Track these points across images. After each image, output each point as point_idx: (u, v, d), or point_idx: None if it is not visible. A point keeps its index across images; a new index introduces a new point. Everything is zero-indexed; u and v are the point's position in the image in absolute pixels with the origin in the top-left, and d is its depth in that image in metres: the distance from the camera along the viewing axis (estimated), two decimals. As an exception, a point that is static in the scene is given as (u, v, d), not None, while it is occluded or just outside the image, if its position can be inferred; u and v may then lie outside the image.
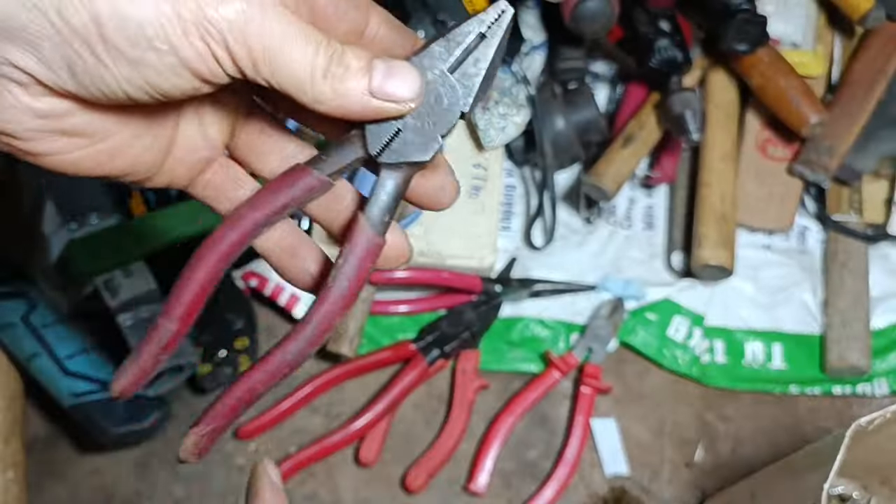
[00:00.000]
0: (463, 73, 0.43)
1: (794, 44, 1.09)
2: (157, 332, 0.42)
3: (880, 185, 1.09)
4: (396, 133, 0.44)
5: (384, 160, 0.44)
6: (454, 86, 0.43)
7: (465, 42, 0.42)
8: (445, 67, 0.42)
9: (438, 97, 0.43)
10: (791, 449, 0.94)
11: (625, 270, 1.05)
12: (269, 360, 0.42)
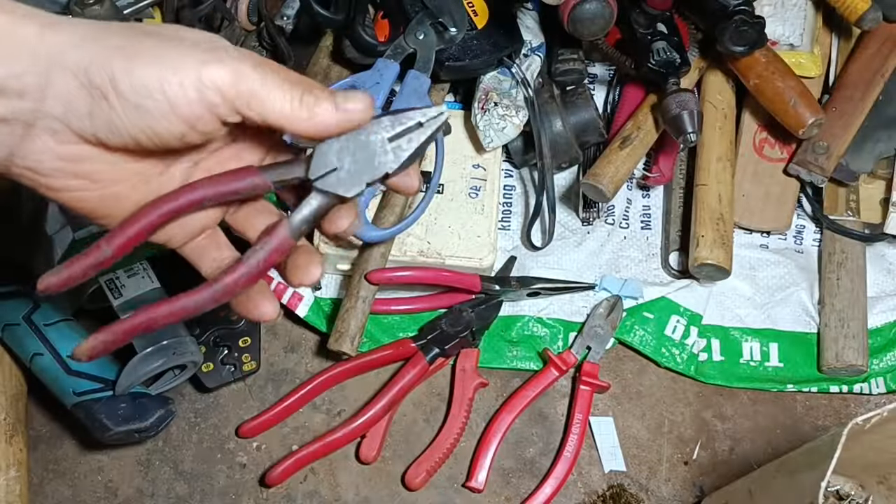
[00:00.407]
0: (398, 145, 0.54)
1: (792, 45, 1.09)
2: (97, 252, 0.52)
3: (877, 186, 1.10)
4: (333, 170, 0.54)
5: (317, 185, 0.54)
6: (388, 151, 0.54)
7: (407, 124, 0.54)
8: (387, 136, 0.54)
9: (374, 155, 0.54)
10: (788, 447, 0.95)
11: (623, 270, 1.06)
12: (174, 302, 0.52)
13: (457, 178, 1.03)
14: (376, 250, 0.97)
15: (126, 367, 0.88)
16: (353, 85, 0.99)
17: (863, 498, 0.90)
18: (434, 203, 1.01)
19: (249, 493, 0.94)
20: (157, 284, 0.93)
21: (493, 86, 1.03)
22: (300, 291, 1.00)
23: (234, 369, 0.96)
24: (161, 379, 0.93)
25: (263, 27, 1.10)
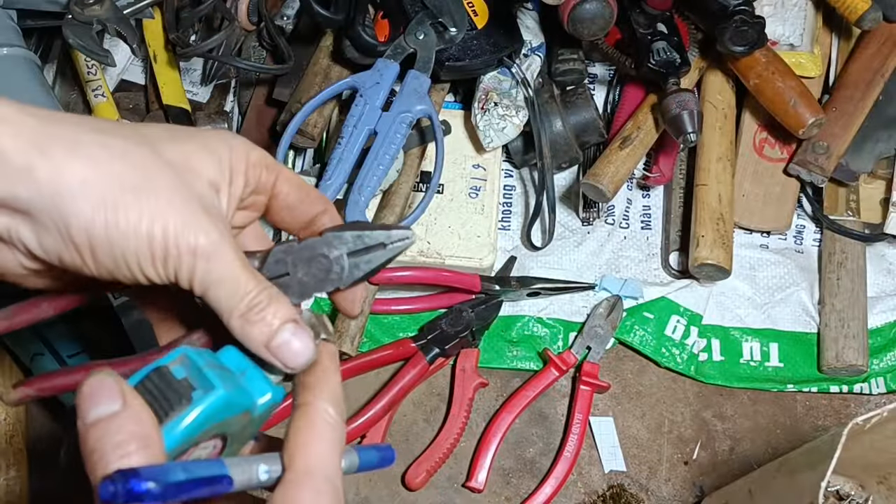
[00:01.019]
0: (355, 262, 0.53)
1: (792, 45, 1.09)
2: (37, 308, 0.55)
3: (877, 186, 1.10)
4: (285, 274, 0.53)
5: None
6: (344, 267, 0.53)
7: (370, 244, 0.53)
8: (346, 252, 0.53)
9: (329, 269, 0.53)
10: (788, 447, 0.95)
11: (623, 270, 1.06)
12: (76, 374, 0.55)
13: (457, 178, 1.03)
14: (376, 250, 0.97)
15: (126, 367, 0.88)
16: (354, 86, 0.98)
17: (863, 498, 0.90)
18: (434, 203, 1.01)
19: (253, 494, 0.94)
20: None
21: (493, 86, 1.03)
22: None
23: (234, 369, 0.95)
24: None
25: (263, 27, 1.10)
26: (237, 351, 0.50)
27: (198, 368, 0.47)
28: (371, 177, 0.95)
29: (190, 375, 0.47)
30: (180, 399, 0.46)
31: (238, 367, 0.50)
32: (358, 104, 0.97)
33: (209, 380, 0.46)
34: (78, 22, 0.95)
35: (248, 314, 0.49)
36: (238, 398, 0.48)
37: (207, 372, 0.47)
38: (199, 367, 0.47)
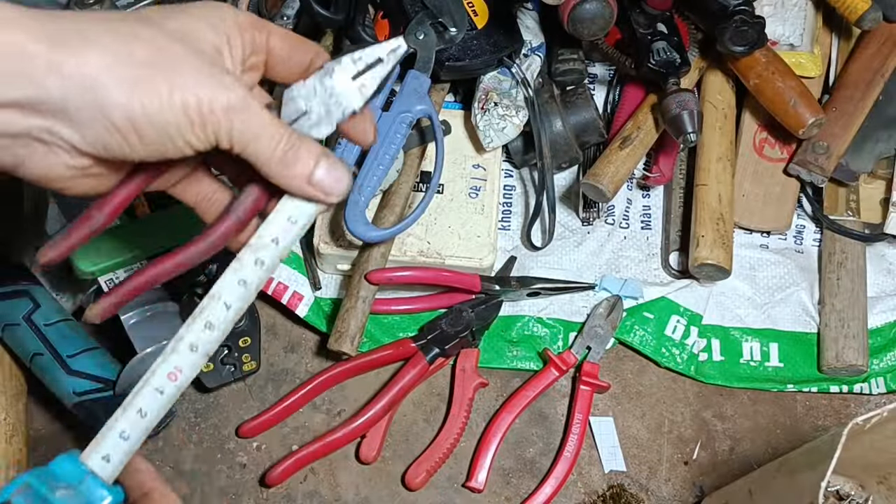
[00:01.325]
0: (361, 83, 0.56)
1: (792, 45, 1.09)
2: (89, 220, 0.55)
3: (877, 185, 1.10)
4: (304, 114, 0.55)
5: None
6: (352, 90, 0.55)
7: (368, 61, 0.56)
8: (350, 75, 0.55)
9: (340, 95, 0.55)
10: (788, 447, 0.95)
11: (623, 270, 1.06)
12: (177, 254, 0.56)
13: (457, 178, 1.03)
14: (376, 250, 0.97)
15: (126, 368, 0.88)
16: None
17: (863, 498, 0.90)
18: (434, 203, 1.01)
19: (249, 493, 0.94)
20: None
21: (493, 86, 1.03)
22: (300, 291, 1.00)
23: (234, 369, 0.96)
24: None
25: (263, 27, 1.10)
26: (73, 459, 0.52)
27: (42, 498, 0.50)
28: (371, 177, 0.95)
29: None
30: None
31: (75, 476, 0.52)
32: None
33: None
34: (78, 22, 0.95)
35: (285, 158, 0.53)
36: None
37: (54, 500, 0.50)
38: (44, 496, 0.50)
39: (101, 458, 0.53)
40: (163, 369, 0.54)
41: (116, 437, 0.53)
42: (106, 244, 0.91)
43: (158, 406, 0.54)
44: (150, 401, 0.54)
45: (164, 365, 0.54)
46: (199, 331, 0.55)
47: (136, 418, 0.54)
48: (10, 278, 0.93)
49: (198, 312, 0.55)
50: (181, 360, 0.55)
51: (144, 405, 0.54)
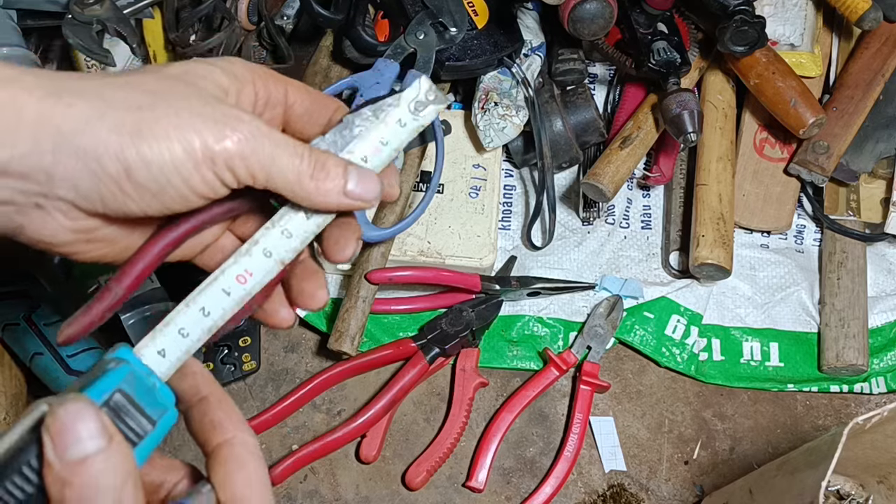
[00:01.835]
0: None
1: (792, 45, 1.09)
2: (109, 294, 0.51)
3: (877, 185, 1.10)
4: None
5: None
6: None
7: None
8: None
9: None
10: (789, 446, 0.95)
11: (623, 270, 1.06)
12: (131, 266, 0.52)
13: (457, 178, 1.03)
14: (376, 250, 0.97)
15: (126, 367, 0.88)
16: (354, 85, 0.98)
17: (863, 497, 0.90)
18: (434, 203, 1.01)
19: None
20: (157, 284, 0.93)
21: (493, 86, 1.03)
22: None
23: (234, 369, 0.96)
24: (161, 378, 0.93)
25: (263, 27, 1.10)
26: (126, 352, 0.48)
27: (148, 388, 0.46)
28: (371, 176, 0.95)
29: (137, 394, 0.46)
30: (145, 426, 0.45)
31: (142, 372, 0.48)
32: (358, 103, 0.97)
33: (161, 401, 0.47)
34: (78, 22, 0.95)
35: (315, 174, 0.50)
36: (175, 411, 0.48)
37: (159, 392, 0.47)
38: (149, 386, 0.46)
39: (156, 352, 0.49)
40: (232, 270, 0.51)
41: (175, 334, 0.49)
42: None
43: (222, 308, 0.51)
44: (215, 301, 0.50)
45: (235, 267, 0.51)
46: (276, 237, 0.52)
47: (198, 316, 0.50)
48: (10, 278, 0.93)
49: (277, 218, 0.52)
50: (253, 264, 0.51)
51: (208, 304, 0.50)
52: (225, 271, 0.51)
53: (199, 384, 0.51)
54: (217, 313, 0.51)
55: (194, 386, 0.51)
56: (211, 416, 0.50)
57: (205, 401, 0.50)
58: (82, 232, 0.50)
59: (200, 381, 0.51)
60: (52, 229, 0.49)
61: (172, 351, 0.49)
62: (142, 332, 0.89)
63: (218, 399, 0.51)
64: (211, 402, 0.50)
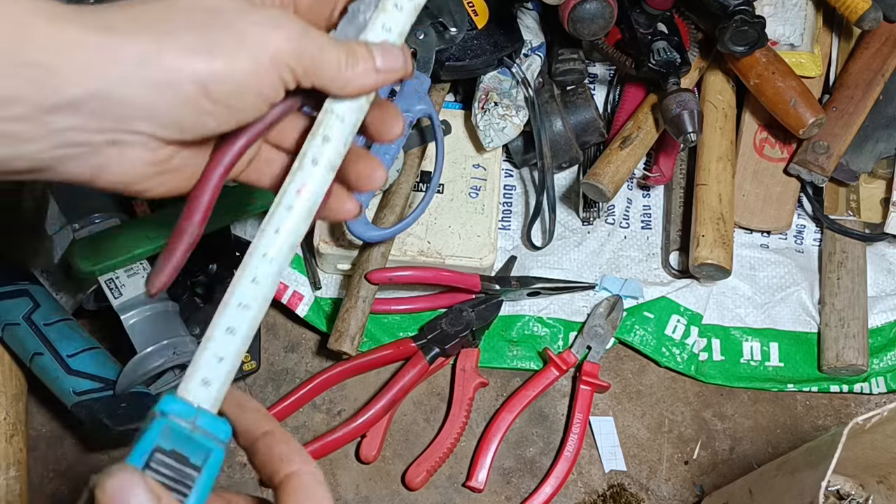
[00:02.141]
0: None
1: (792, 45, 1.09)
2: (185, 233, 0.52)
3: (877, 185, 1.10)
4: None
5: None
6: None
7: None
8: (373, 7, 0.54)
9: (367, 33, 0.54)
10: (789, 446, 0.95)
11: (623, 269, 1.06)
12: (208, 174, 0.53)
13: (457, 178, 1.03)
14: (376, 250, 0.97)
15: (126, 367, 0.88)
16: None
17: (863, 497, 0.90)
18: (434, 203, 1.01)
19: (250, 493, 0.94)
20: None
21: (493, 85, 1.03)
22: (300, 291, 1.00)
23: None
24: (161, 378, 0.93)
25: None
26: (175, 398, 0.49)
27: (186, 436, 0.47)
28: (371, 176, 0.95)
29: (178, 446, 0.46)
30: (191, 475, 0.46)
31: (186, 413, 0.48)
32: None
33: (203, 444, 0.47)
34: None
35: (349, 62, 0.51)
36: (223, 448, 0.49)
37: (198, 437, 0.47)
38: (186, 434, 0.47)
39: (200, 380, 0.49)
40: (293, 188, 0.52)
41: (235, 308, 0.51)
42: (106, 244, 0.90)
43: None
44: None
45: (292, 185, 0.52)
46: (318, 144, 0.53)
47: (262, 264, 0.51)
48: (10, 278, 0.93)
49: (316, 127, 0.53)
50: (306, 177, 0.52)
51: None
52: (281, 198, 0.52)
53: (260, 420, 0.53)
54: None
55: (256, 421, 0.53)
56: (278, 450, 0.51)
57: (269, 435, 0.52)
58: (157, 164, 0.50)
59: (262, 416, 0.53)
60: (130, 165, 0.49)
61: (232, 340, 0.51)
62: (142, 332, 0.90)
63: (282, 434, 0.53)
64: (276, 436, 0.52)
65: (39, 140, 0.46)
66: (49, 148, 0.46)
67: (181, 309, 0.94)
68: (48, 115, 0.45)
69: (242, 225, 1.03)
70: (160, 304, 0.92)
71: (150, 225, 0.93)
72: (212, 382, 0.50)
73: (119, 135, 0.47)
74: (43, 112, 0.45)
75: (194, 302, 0.97)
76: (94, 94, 0.45)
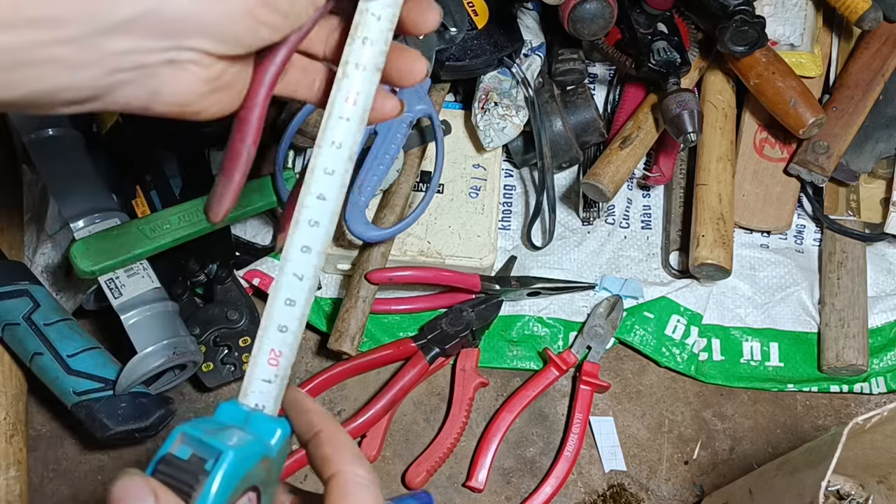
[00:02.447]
0: None
1: (792, 45, 1.09)
2: (241, 155, 0.51)
3: (877, 185, 1.10)
4: None
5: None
6: None
7: None
8: None
9: None
10: (789, 446, 0.95)
11: (623, 269, 1.06)
12: (259, 75, 0.52)
13: (457, 178, 1.03)
14: (376, 250, 0.97)
15: (126, 367, 0.88)
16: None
17: (863, 497, 0.90)
18: (434, 203, 1.01)
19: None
20: (157, 284, 0.93)
21: (493, 85, 1.03)
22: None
23: (235, 369, 0.95)
24: (161, 378, 0.93)
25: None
26: (233, 404, 0.51)
27: (199, 441, 0.47)
28: (371, 176, 0.95)
29: (196, 451, 0.47)
30: (196, 477, 0.46)
31: (238, 418, 0.50)
32: None
33: (214, 446, 0.46)
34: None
35: None
36: (250, 449, 0.48)
37: (209, 440, 0.47)
38: (199, 438, 0.47)
39: (262, 379, 0.51)
40: (340, 96, 0.51)
41: (298, 251, 0.51)
42: (106, 244, 0.90)
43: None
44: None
45: (340, 94, 0.51)
46: (359, 46, 0.51)
47: (317, 203, 0.51)
48: (10, 278, 0.93)
49: (352, 32, 0.51)
50: (353, 84, 0.51)
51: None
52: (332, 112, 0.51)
53: (312, 420, 0.53)
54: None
55: (308, 423, 0.53)
56: (322, 451, 0.52)
57: (317, 437, 0.52)
58: (211, 81, 0.49)
59: (314, 417, 0.53)
60: (187, 84, 0.48)
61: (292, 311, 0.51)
62: (142, 332, 0.90)
63: (329, 434, 0.52)
64: (322, 437, 0.52)
65: (93, 65, 0.44)
66: (103, 74, 0.44)
67: (181, 309, 0.94)
68: (102, 37, 0.43)
69: (242, 225, 1.03)
70: (160, 304, 0.92)
71: (150, 225, 0.93)
72: (271, 381, 0.51)
73: (175, 53, 0.46)
74: (96, 34, 0.42)
75: (194, 302, 0.97)
76: (149, 11, 0.43)
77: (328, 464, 0.51)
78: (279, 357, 0.51)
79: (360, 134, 0.51)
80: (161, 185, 0.99)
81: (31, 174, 1.02)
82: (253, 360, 0.51)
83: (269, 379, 0.51)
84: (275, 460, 0.50)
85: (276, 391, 0.51)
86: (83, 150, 0.99)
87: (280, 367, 0.51)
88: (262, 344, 0.51)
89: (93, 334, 0.94)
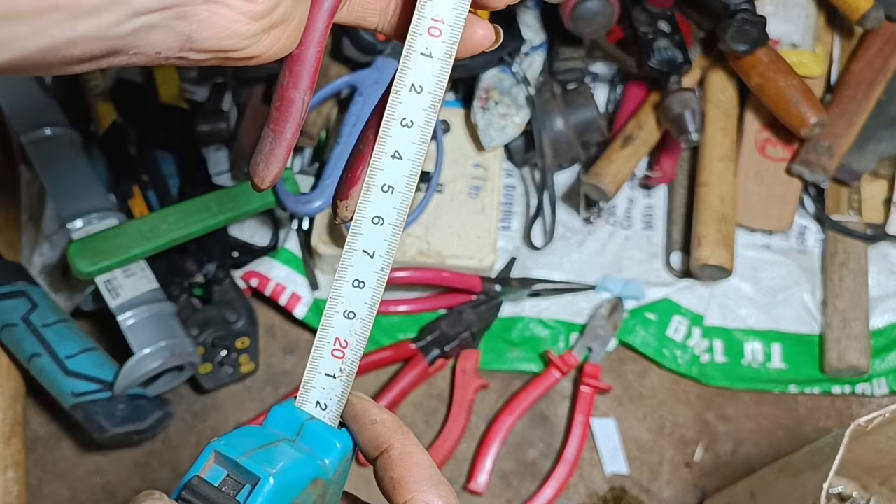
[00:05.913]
0: None
1: (794, 44, 1.09)
2: (293, 105, 0.43)
3: (879, 185, 1.09)
4: None
5: None
6: None
7: None
8: None
9: None
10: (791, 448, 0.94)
11: (624, 270, 1.06)
12: (311, 21, 0.44)
13: (457, 178, 1.03)
14: (376, 250, 0.96)
15: (124, 369, 0.88)
16: (353, 84, 0.98)
17: (865, 499, 0.90)
18: (434, 203, 1.01)
19: None
20: (155, 285, 0.92)
21: (493, 84, 1.02)
22: (298, 293, 1.00)
23: (233, 371, 0.95)
24: (159, 380, 0.93)
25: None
26: (288, 406, 0.44)
27: (234, 463, 0.40)
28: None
29: (231, 473, 0.40)
30: (228, 498, 0.40)
31: (290, 427, 0.43)
32: (357, 103, 0.96)
33: (251, 472, 0.40)
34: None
35: None
36: (298, 472, 0.42)
37: (246, 463, 0.40)
38: (234, 461, 0.40)
39: (315, 402, 0.44)
40: (422, 27, 0.43)
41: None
42: (104, 244, 0.90)
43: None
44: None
45: (421, 23, 0.44)
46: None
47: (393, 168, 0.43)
48: (8, 279, 0.93)
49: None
50: (441, 9, 0.43)
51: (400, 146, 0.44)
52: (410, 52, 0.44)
53: (378, 434, 0.46)
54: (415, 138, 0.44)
55: (376, 437, 0.46)
56: (393, 473, 0.44)
57: (385, 454, 0.45)
58: (260, 17, 0.40)
59: (381, 430, 0.46)
60: (230, 22, 0.39)
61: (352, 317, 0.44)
62: (139, 333, 0.89)
63: (402, 452, 0.45)
64: (392, 456, 0.45)
65: (108, 9, 0.36)
66: (122, 19, 0.36)
67: (178, 310, 0.94)
68: None
69: (240, 225, 1.03)
70: (157, 305, 0.91)
71: (148, 226, 0.93)
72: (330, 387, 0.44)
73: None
74: None
75: (191, 303, 0.97)
76: None
77: (400, 489, 0.44)
78: (345, 349, 0.45)
79: (446, 74, 0.43)
80: (159, 186, 0.99)
81: (29, 174, 1.02)
82: (314, 351, 0.44)
83: (332, 373, 0.45)
84: (330, 482, 0.44)
85: (342, 388, 0.45)
86: (80, 149, 0.98)
87: (346, 359, 0.45)
88: (326, 333, 0.44)
89: (91, 335, 0.94)
